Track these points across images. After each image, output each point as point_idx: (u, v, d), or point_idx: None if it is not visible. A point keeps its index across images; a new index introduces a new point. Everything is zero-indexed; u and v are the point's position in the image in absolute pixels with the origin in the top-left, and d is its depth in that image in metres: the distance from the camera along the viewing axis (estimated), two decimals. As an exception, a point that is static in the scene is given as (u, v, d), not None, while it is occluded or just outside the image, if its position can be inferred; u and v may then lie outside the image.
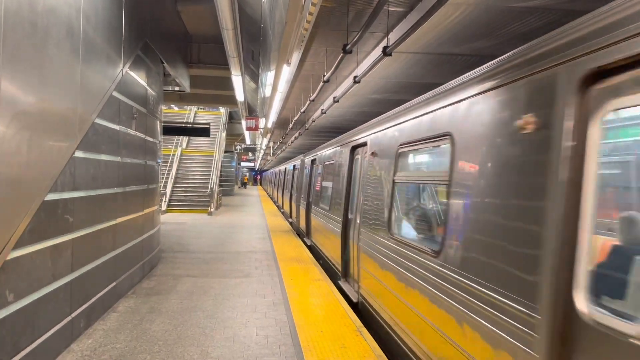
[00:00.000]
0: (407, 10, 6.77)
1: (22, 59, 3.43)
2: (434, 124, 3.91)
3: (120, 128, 5.88)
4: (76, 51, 4.38)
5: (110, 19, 5.38)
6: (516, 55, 2.80)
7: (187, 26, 11.07)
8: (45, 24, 3.74)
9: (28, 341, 3.71)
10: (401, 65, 9.54)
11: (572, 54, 2.23)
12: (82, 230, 4.74)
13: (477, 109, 3.15)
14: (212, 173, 21.99)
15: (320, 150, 11.04)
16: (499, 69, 2.96)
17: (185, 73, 11.31)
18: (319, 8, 5.31)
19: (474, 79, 3.30)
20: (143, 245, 7.35)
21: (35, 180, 3.73)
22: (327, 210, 8.99)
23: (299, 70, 10.56)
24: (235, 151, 39.70)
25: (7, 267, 3.36)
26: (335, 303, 6.22)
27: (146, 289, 6.73)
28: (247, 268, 8.40)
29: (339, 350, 4.57)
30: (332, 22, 7.56)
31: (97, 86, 5.03)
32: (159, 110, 8.49)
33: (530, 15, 6.53)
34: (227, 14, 6.70)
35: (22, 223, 3.54)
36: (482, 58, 8.60)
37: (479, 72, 3.26)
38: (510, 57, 2.88)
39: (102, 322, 5.22)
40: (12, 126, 3.32)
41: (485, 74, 3.14)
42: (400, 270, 4.42)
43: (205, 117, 26.45)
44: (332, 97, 12.09)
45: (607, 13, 2.11)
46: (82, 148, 4.60)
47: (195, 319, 5.43)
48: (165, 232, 12.60)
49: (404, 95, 12.55)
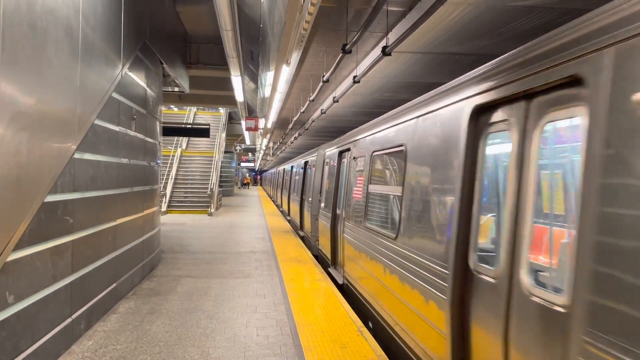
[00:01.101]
0: (406, 9, 6.77)
1: (20, 60, 3.42)
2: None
3: (120, 129, 5.88)
4: (75, 52, 4.37)
5: (109, 20, 5.38)
6: (440, 90, 4.06)
7: (186, 27, 11.06)
8: (44, 24, 3.74)
9: (28, 343, 3.70)
10: (401, 65, 9.54)
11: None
12: (82, 231, 4.73)
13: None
14: (212, 174, 21.99)
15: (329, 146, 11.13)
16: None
17: (184, 74, 11.31)
18: (318, 8, 5.30)
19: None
20: (143, 246, 7.34)
21: (35, 182, 3.72)
22: None
23: (299, 70, 10.55)
24: (235, 151, 39.70)
25: (7, 269, 3.35)
26: (335, 303, 6.21)
27: (146, 290, 6.73)
28: (248, 268, 8.40)
29: (339, 350, 4.57)
30: (332, 22, 7.56)
31: (96, 87, 5.02)
32: (159, 111, 8.48)
33: (529, 13, 6.53)
34: (226, 14, 6.69)
35: (22, 224, 3.53)
36: (481, 57, 8.60)
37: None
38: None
39: (102, 323, 5.21)
40: (11, 127, 3.31)
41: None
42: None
43: (204, 118, 26.44)
44: (331, 97, 12.09)
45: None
46: (81, 149, 4.60)
47: (195, 319, 5.42)
48: (166, 233, 12.60)
49: (404, 94, 12.54)
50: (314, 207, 11.01)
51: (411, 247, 4.26)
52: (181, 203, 20.36)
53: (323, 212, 9.63)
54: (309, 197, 11.96)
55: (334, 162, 8.90)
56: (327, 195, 9.44)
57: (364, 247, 6.04)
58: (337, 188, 8.57)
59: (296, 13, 5.68)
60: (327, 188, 9.52)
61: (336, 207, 8.48)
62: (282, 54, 7.61)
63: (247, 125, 18.11)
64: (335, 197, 8.56)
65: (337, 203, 8.45)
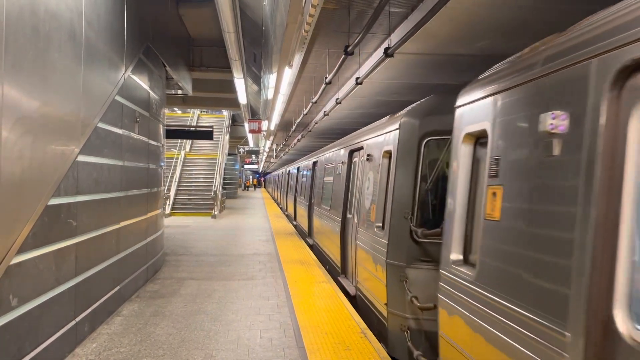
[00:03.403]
0: (408, 10, 6.75)
1: (24, 64, 3.44)
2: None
3: (123, 132, 5.89)
4: (78, 56, 4.39)
5: (112, 24, 5.40)
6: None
7: (189, 30, 11.10)
8: (47, 29, 3.76)
9: (32, 345, 3.71)
10: (404, 66, 9.52)
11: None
12: (85, 234, 4.74)
13: None
14: (215, 176, 22.02)
15: None
16: None
17: (187, 76, 11.34)
18: (319, 10, 5.30)
19: None
20: (147, 248, 7.35)
21: (38, 185, 3.73)
22: None
23: (301, 72, 10.55)
24: (239, 154, 39.76)
25: (10, 272, 3.36)
26: (339, 305, 6.20)
27: (150, 293, 6.73)
28: (251, 271, 8.40)
29: (343, 352, 4.55)
30: (333, 24, 7.55)
31: (100, 90, 5.04)
32: (162, 114, 8.51)
33: (535, 13, 6.50)
34: (229, 17, 6.71)
35: (26, 228, 3.54)
36: (485, 58, 8.56)
37: None
38: None
39: (106, 326, 5.22)
40: (15, 131, 3.32)
41: None
42: None
43: (208, 120, 26.47)
44: (334, 99, 12.08)
45: None
46: (85, 152, 4.61)
47: (199, 322, 5.42)
48: (169, 236, 12.62)
49: (409, 96, 12.50)
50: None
51: None
52: (185, 205, 20.39)
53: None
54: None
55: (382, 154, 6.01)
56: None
57: None
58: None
59: (298, 15, 5.68)
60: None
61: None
62: (284, 56, 7.61)
63: (251, 128, 18.13)
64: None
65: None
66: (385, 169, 5.69)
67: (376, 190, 5.86)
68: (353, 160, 7.91)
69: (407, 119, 5.19)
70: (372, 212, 5.97)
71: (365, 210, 6.40)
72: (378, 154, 6.07)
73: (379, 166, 5.92)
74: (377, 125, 6.74)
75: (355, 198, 7.17)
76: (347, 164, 8.10)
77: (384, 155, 5.79)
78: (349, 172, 8.06)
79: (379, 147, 6.04)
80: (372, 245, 5.74)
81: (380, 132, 6.18)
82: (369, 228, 6.06)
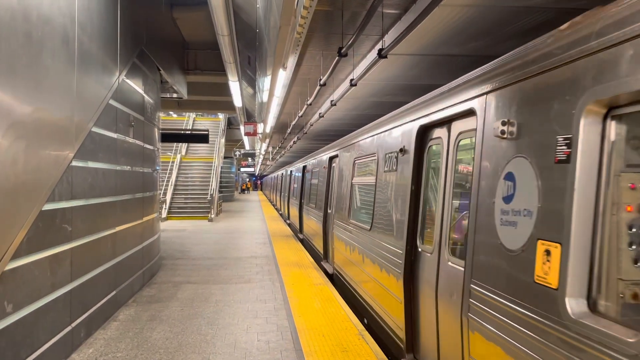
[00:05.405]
0: (401, 12, 6.78)
1: (17, 69, 3.43)
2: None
3: (118, 136, 5.88)
4: (72, 60, 4.38)
5: (106, 28, 5.39)
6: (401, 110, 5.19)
7: (183, 33, 11.08)
8: (40, 34, 3.75)
9: (28, 352, 3.69)
10: (398, 67, 9.55)
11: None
12: (80, 239, 4.72)
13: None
14: (211, 179, 21.98)
15: None
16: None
17: (182, 80, 11.32)
18: (312, 12, 5.32)
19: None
20: (143, 253, 7.33)
21: (32, 190, 3.72)
22: None
23: (295, 74, 10.56)
24: (235, 157, 39.71)
25: (5, 278, 3.34)
26: (336, 307, 6.20)
27: (147, 297, 6.71)
28: (248, 273, 8.39)
29: (340, 354, 4.55)
30: (327, 26, 7.57)
31: (94, 94, 5.03)
32: (157, 118, 8.49)
33: (528, 14, 6.54)
34: (223, 20, 6.71)
35: (20, 233, 3.53)
36: (480, 58, 8.60)
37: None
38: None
39: (102, 331, 5.20)
40: (8, 136, 3.31)
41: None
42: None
43: (204, 124, 26.44)
44: (329, 101, 12.10)
45: None
46: (79, 157, 4.60)
47: (196, 326, 5.41)
48: (166, 239, 12.58)
49: (403, 97, 12.52)
50: None
51: None
52: (181, 209, 20.34)
53: None
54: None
55: None
56: None
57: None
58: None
59: (290, 17, 5.69)
60: None
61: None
62: (279, 59, 7.62)
63: (246, 130, 18.11)
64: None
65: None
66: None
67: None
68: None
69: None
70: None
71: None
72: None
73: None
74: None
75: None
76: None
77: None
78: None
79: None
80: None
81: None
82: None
